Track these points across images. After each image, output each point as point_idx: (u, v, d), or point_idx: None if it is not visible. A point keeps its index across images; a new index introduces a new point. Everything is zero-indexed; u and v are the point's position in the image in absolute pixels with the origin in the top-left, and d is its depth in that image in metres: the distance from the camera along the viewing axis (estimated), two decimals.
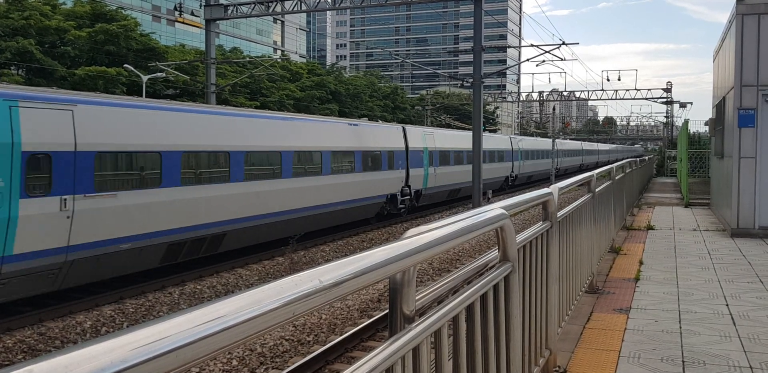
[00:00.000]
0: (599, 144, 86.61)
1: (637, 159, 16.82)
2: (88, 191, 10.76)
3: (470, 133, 24.76)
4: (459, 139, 29.04)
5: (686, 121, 24.19)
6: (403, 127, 23.62)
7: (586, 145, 70.02)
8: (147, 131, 12.17)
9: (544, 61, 30.00)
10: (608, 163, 40.67)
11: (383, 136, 21.91)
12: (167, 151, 12.49)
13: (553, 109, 52.79)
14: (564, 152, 53.27)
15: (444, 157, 26.84)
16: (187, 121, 13.34)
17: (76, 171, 10.57)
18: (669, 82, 59.68)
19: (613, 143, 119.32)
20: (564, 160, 53.28)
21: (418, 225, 2.03)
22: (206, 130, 13.73)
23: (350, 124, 20.25)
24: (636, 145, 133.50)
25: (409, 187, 23.11)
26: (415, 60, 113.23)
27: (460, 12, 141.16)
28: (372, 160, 20.72)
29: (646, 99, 59.38)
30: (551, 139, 46.72)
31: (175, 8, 33.36)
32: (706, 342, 5.04)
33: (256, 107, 41.44)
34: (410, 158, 23.47)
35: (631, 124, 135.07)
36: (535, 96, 67.92)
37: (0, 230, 9.61)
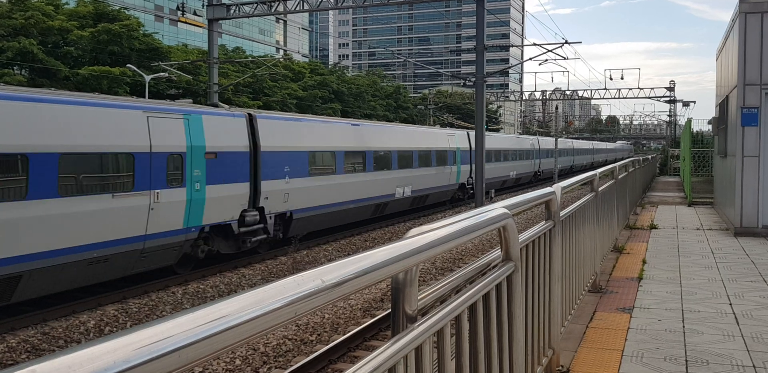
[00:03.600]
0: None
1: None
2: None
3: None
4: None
5: (689, 120, 24.14)
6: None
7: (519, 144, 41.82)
8: None
9: (546, 60, 29.93)
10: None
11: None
12: None
13: (556, 108, 52.74)
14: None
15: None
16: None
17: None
18: (672, 80, 59.63)
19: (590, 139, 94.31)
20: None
21: (421, 225, 2.03)
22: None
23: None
24: (620, 143, 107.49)
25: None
26: (417, 59, 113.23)
27: (463, 11, 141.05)
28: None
29: (649, 98, 59.34)
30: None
31: (178, 8, 33.36)
32: (710, 341, 5.04)
33: (259, 107, 41.47)
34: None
35: (634, 123, 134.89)
36: (537, 95, 67.88)
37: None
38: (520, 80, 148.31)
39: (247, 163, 14.85)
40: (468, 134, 29.67)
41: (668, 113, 64.68)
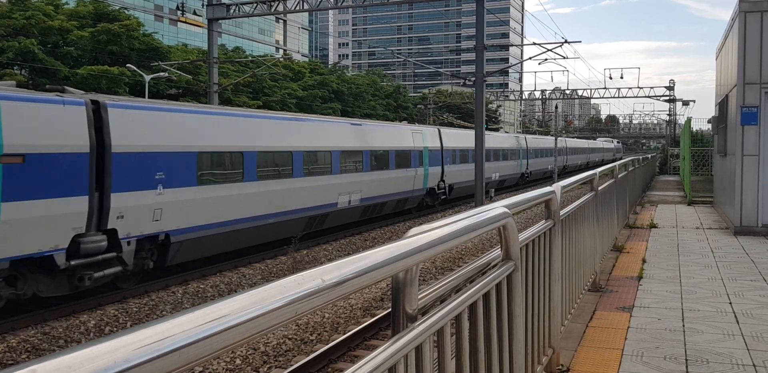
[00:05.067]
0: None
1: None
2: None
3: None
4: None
5: (689, 119, 24.16)
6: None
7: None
8: None
9: (546, 59, 29.95)
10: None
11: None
12: None
13: (556, 107, 52.74)
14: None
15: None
16: None
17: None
18: (671, 80, 59.61)
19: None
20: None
21: (421, 224, 2.03)
22: None
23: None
24: (601, 141, 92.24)
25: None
26: (417, 59, 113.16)
27: (462, 10, 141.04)
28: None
29: (649, 97, 59.36)
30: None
31: (178, 8, 33.36)
32: (710, 340, 5.04)
33: (259, 107, 41.48)
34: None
35: (634, 122, 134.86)
36: (537, 94, 67.86)
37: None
38: (520, 80, 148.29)
39: (85, 168, 10.94)
40: (439, 131, 26.41)
41: (668, 112, 64.69)
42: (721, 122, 14.16)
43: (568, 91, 62.36)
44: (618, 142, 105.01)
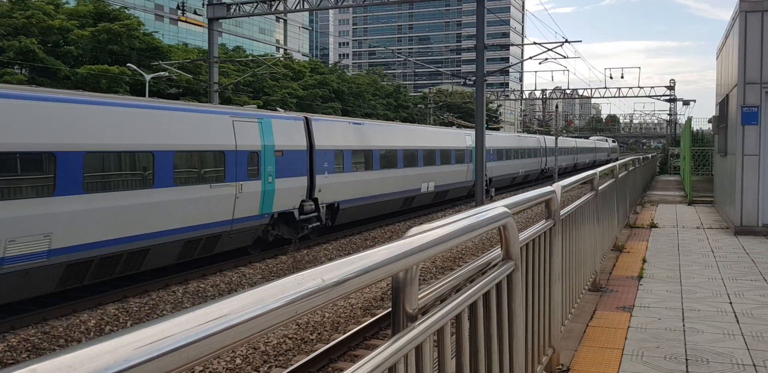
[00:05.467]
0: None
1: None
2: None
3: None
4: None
5: (689, 119, 24.14)
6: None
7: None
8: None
9: (546, 59, 29.94)
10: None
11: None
12: None
13: (556, 107, 52.72)
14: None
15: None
16: None
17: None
18: (672, 79, 59.62)
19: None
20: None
21: (421, 224, 2.03)
22: None
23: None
24: (595, 140, 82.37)
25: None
26: (417, 58, 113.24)
27: (463, 10, 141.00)
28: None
29: (649, 97, 59.35)
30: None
31: (178, 7, 33.35)
32: (710, 340, 5.04)
33: (259, 106, 41.43)
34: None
35: (635, 122, 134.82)
36: (537, 94, 67.85)
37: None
38: (521, 79, 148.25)
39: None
40: (307, 121, 23.78)
41: (668, 112, 64.68)
42: (722, 122, 14.15)
43: (568, 91, 62.36)
44: (614, 142, 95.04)
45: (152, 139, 12.30)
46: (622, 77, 56.44)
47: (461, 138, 28.77)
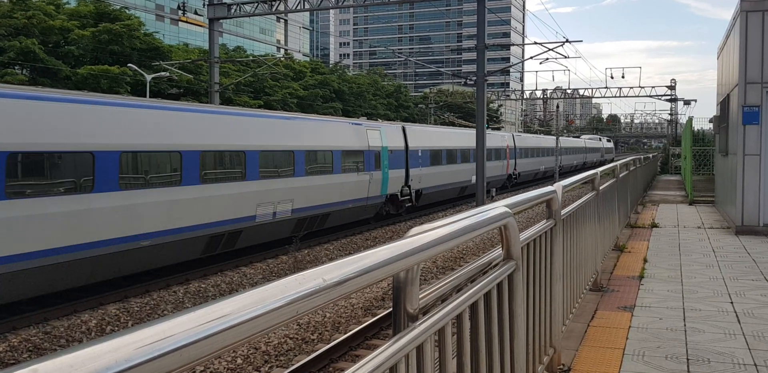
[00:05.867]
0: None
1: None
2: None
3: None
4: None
5: (690, 119, 24.14)
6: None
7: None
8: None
9: (547, 59, 29.92)
10: None
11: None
12: None
13: (557, 106, 52.68)
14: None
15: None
16: None
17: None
18: (673, 79, 59.61)
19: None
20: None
21: (422, 224, 2.03)
22: None
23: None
24: (586, 138, 71.38)
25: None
26: (418, 58, 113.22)
27: (464, 10, 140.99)
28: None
29: (650, 96, 59.35)
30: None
31: (179, 7, 33.35)
32: (711, 340, 5.03)
33: (260, 106, 41.50)
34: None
35: (636, 121, 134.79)
36: (538, 94, 67.83)
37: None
38: (521, 79, 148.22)
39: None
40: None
41: (669, 112, 64.67)
42: (723, 122, 14.15)
43: (569, 91, 62.33)
44: (609, 141, 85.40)
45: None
46: (623, 77, 56.59)
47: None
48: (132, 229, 11.71)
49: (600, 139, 78.11)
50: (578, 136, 76.06)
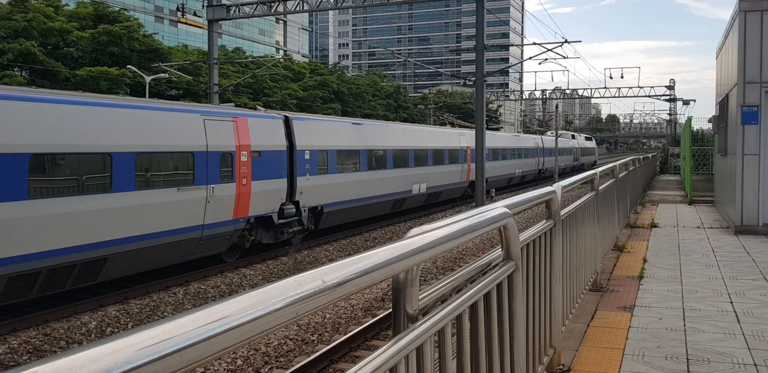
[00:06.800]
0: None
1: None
2: None
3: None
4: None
5: (689, 119, 24.14)
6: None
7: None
8: None
9: (546, 59, 29.93)
10: None
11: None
12: None
13: (556, 107, 52.68)
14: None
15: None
16: None
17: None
18: (672, 79, 59.62)
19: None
20: None
21: (421, 224, 2.03)
22: None
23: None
24: (532, 138, 42.80)
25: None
26: (417, 59, 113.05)
27: (462, 10, 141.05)
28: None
29: (649, 96, 59.37)
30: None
31: (178, 9, 33.39)
32: (711, 340, 5.04)
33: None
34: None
35: (635, 121, 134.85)
36: (537, 94, 67.85)
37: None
38: (520, 79, 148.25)
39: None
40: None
41: (668, 112, 64.69)
42: (722, 121, 14.15)
43: (568, 91, 62.34)
44: (589, 139, 70.04)
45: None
46: (621, 77, 56.55)
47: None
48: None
49: (575, 137, 61.52)
50: (542, 133, 57.49)
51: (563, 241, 4.25)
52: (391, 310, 1.82)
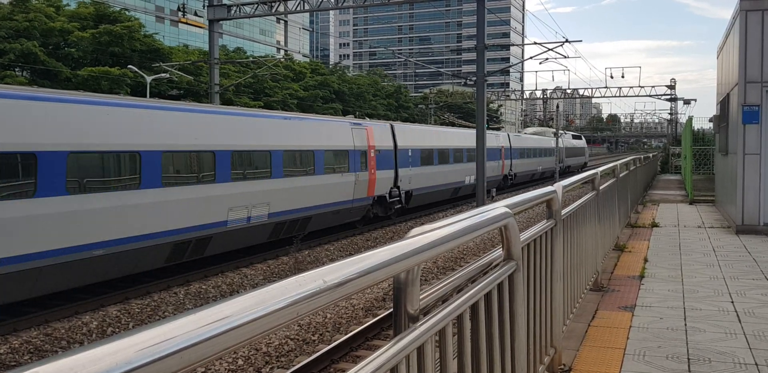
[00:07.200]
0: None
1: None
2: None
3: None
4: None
5: (690, 118, 24.12)
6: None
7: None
8: None
9: (547, 59, 29.91)
10: None
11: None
12: None
13: (557, 106, 52.66)
14: None
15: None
16: None
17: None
18: (672, 78, 59.59)
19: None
20: None
21: (422, 224, 2.03)
22: None
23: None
24: (529, 134, 47.95)
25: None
26: (418, 59, 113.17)
27: (463, 10, 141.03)
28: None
29: (650, 96, 59.35)
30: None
31: (179, 9, 33.37)
32: (712, 339, 5.03)
33: (260, 107, 41.50)
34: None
35: (636, 121, 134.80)
36: (538, 94, 67.85)
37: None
38: (521, 79, 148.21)
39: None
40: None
41: (669, 111, 64.68)
42: (723, 121, 14.15)
43: (569, 91, 62.34)
44: (577, 137, 63.07)
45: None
46: (622, 77, 56.54)
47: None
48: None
49: (551, 135, 48.85)
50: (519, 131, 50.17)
51: (564, 241, 4.25)
52: (391, 310, 1.82)
